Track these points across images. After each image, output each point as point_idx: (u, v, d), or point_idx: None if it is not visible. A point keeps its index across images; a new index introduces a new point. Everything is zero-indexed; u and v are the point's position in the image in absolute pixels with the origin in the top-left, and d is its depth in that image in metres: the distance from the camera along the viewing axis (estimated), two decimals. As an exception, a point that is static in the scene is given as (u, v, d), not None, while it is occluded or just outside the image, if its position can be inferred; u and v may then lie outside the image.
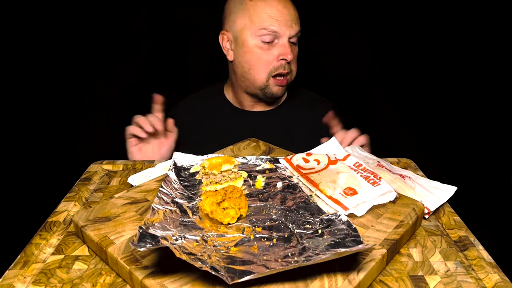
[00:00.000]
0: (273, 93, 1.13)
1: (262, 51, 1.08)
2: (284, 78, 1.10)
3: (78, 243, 0.66)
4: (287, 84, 1.13)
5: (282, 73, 1.09)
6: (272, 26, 1.05)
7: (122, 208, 0.69)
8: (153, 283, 0.52)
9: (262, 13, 1.06)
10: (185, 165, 0.80)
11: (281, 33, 1.05)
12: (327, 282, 0.52)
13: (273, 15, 1.05)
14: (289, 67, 1.09)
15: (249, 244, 0.58)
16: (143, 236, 0.54)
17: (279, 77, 1.10)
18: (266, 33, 1.06)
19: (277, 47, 1.07)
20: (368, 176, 0.74)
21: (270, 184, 0.76)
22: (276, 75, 1.10)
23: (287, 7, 1.06)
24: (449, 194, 0.78)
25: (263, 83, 1.11)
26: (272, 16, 1.05)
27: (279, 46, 1.07)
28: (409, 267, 0.61)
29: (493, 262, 0.62)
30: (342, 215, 0.62)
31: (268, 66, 1.09)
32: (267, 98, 1.16)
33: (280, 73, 1.09)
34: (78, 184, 0.87)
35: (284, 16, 1.05)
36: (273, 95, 1.13)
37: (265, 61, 1.08)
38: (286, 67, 1.08)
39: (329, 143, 0.94)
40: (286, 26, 1.05)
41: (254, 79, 1.12)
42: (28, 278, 0.58)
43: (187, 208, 0.66)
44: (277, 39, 1.06)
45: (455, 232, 0.70)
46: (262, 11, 1.06)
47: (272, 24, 1.05)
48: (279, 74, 1.09)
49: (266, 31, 1.05)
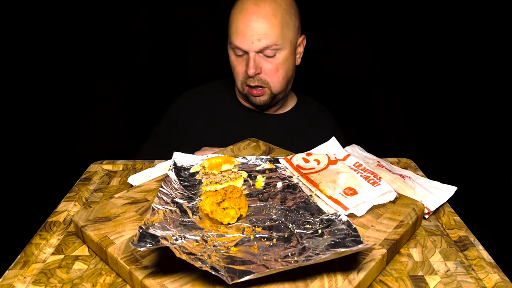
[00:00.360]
0: (253, 102, 1.15)
1: (236, 62, 1.11)
2: (256, 89, 1.11)
3: (78, 243, 0.66)
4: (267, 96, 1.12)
5: (250, 85, 1.10)
6: (236, 41, 1.06)
7: (122, 208, 0.69)
8: (153, 283, 0.52)
9: (233, 27, 1.07)
10: (185, 165, 0.80)
11: (244, 48, 1.06)
12: (327, 282, 0.52)
13: (239, 29, 1.05)
14: (260, 79, 1.09)
15: (249, 244, 0.58)
16: (143, 236, 0.54)
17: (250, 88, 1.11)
18: (234, 47, 1.08)
19: (246, 61, 1.08)
20: (368, 176, 0.74)
21: (270, 184, 0.76)
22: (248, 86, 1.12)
23: (255, 19, 1.04)
24: (449, 194, 0.78)
25: (242, 92, 1.15)
26: (239, 31, 1.05)
27: (246, 60, 1.08)
28: (409, 267, 0.61)
29: (493, 262, 0.62)
30: (342, 215, 0.62)
31: (240, 77, 1.12)
32: (254, 105, 1.17)
33: (249, 85, 1.10)
34: (78, 184, 0.87)
35: (250, 31, 1.04)
36: (253, 103, 1.15)
37: (237, 73, 1.12)
38: (254, 80, 1.09)
39: (329, 143, 0.94)
40: (246, 41, 1.05)
41: (236, 85, 1.16)
42: (28, 278, 0.58)
43: (187, 208, 0.66)
44: (246, 53, 1.08)
45: (455, 232, 0.70)
46: (233, 25, 1.07)
47: (236, 39, 1.06)
48: (249, 85, 1.11)
49: (233, 45, 1.08)
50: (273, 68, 1.09)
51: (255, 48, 1.05)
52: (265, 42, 1.05)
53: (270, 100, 1.14)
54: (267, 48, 1.06)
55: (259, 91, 1.11)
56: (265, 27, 1.04)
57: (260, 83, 1.10)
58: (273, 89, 1.12)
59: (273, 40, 1.06)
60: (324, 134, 1.19)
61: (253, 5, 1.05)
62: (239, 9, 1.07)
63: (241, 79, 1.12)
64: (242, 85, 1.13)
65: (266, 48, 1.06)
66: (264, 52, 1.07)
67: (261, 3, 1.05)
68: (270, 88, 1.11)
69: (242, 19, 1.05)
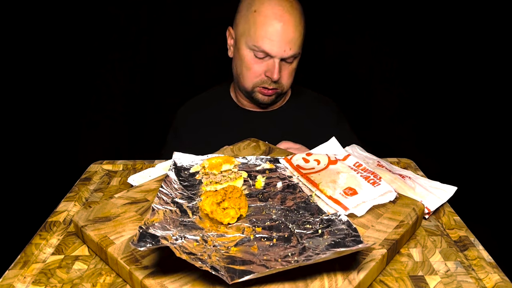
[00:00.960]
0: (259, 100, 1.15)
1: (253, 63, 1.09)
2: (270, 90, 1.11)
3: (78, 243, 0.66)
4: (275, 94, 1.14)
5: (267, 88, 1.11)
6: (265, 46, 1.04)
7: (122, 208, 0.69)
8: (153, 283, 0.52)
9: (260, 29, 1.03)
10: (185, 165, 0.80)
11: (272, 54, 1.05)
12: (327, 282, 0.52)
13: (269, 34, 1.03)
14: (277, 83, 1.10)
15: (249, 244, 0.58)
16: (143, 236, 0.53)
17: (264, 89, 1.11)
18: (258, 50, 1.06)
19: (267, 64, 1.07)
20: (368, 176, 0.74)
21: (270, 184, 0.75)
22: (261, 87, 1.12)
23: (287, 28, 1.02)
24: (449, 194, 0.78)
25: (250, 90, 1.14)
26: (268, 35, 1.03)
27: (269, 64, 1.07)
28: (409, 267, 0.61)
29: (493, 262, 0.62)
30: (342, 215, 0.62)
31: (254, 78, 1.11)
32: (255, 103, 1.18)
33: (265, 87, 1.11)
34: (78, 184, 0.87)
35: (280, 37, 1.02)
36: (259, 102, 1.15)
37: (253, 73, 1.10)
38: (271, 84, 1.10)
39: (329, 143, 0.94)
40: (279, 49, 1.03)
41: (242, 83, 1.15)
42: (28, 278, 0.58)
43: (187, 208, 0.66)
44: (268, 57, 1.07)
45: (455, 232, 0.70)
46: (260, 27, 1.03)
47: (265, 44, 1.03)
48: (264, 87, 1.11)
49: (258, 49, 1.05)
50: (289, 74, 1.11)
51: (284, 56, 1.05)
52: (293, 51, 1.05)
53: (275, 99, 1.15)
54: (292, 56, 1.07)
55: (272, 91, 1.11)
56: (295, 36, 1.04)
57: (276, 86, 1.11)
58: (284, 90, 1.14)
59: (298, 50, 1.07)
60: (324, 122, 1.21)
61: (285, 12, 1.03)
62: (269, 12, 1.03)
63: (256, 80, 1.11)
64: (254, 86, 1.12)
65: (291, 57, 1.06)
66: (287, 60, 1.07)
67: (291, 10, 1.04)
68: (283, 89, 1.13)
69: (275, 25, 1.02)
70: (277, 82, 1.10)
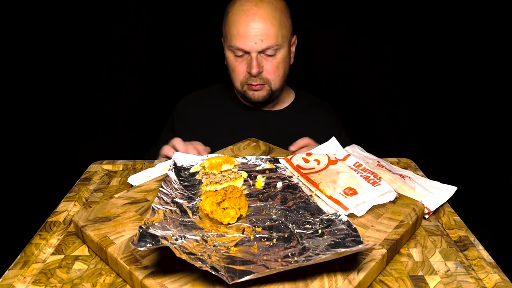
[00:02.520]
0: (250, 98, 1.16)
1: (236, 63, 1.13)
2: (254, 85, 1.13)
3: (78, 243, 0.66)
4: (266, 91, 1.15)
5: (252, 84, 1.12)
6: (238, 43, 1.08)
7: (122, 208, 0.69)
8: (153, 283, 0.52)
9: (232, 28, 1.08)
10: (185, 165, 0.80)
11: (246, 49, 1.08)
12: (327, 282, 0.52)
13: (240, 31, 1.07)
14: (261, 78, 1.12)
15: (249, 244, 0.58)
16: (143, 236, 0.54)
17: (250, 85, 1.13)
18: (234, 48, 1.10)
19: (247, 61, 1.11)
20: (368, 176, 0.74)
21: (270, 184, 0.76)
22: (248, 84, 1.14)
23: (256, 21, 1.06)
24: (449, 194, 0.78)
25: (241, 90, 1.17)
26: (239, 32, 1.07)
27: (248, 60, 1.10)
28: (409, 267, 0.61)
29: (493, 262, 0.62)
30: (342, 215, 0.62)
31: (239, 77, 1.14)
32: (249, 102, 1.20)
33: (250, 83, 1.13)
34: (78, 184, 0.87)
35: (249, 31, 1.06)
36: (251, 99, 1.17)
37: (237, 73, 1.14)
38: (256, 79, 1.12)
39: (329, 143, 0.94)
40: (250, 42, 1.07)
41: (234, 86, 1.19)
42: (28, 278, 0.58)
43: (187, 208, 0.66)
44: (246, 54, 1.10)
45: (455, 232, 0.70)
46: (232, 26, 1.08)
47: (237, 41, 1.08)
48: (250, 84, 1.13)
49: (234, 47, 1.10)
50: (274, 67, 1.12)
51: (257, 49, 1.08)
52: (267, 43, 1.08)
53: (268, 96, 1.16)
54: (269, 48, 1.09)
55: (259, 87, 1.13)
56: (266, 27, 1.07)
57: (261, 81, 1.13)
58: (273, 86, 1.15)
59: (273, 41, 1.08)
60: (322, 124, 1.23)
61: (253, 7, 1.07)
62: (238, 11, 1.08)
63: (242, 79, 1.14)
64: (241, 85, 1.15)
65: (267, 48, 1.09)
66: (266, 52, 1.10)
67: (260, 4, 1.07)
68: (270, 85, 1.14)
69: (243, 20, 1.07)
70: (261, 77, 1.12)
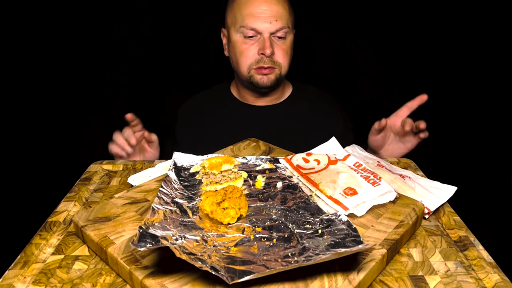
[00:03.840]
0: (258, 82, 1.15)
1: (245, 45, 1.13)
2: (266, 68, 1.13)
3: (78, 243, 0.66)
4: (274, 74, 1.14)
5: (263, 67, 1.12)
6: (251, 24, 1.09)
7: (122, 208, 0.69)
8: (153, 283, 0.52)
9: (243, 10, 1.10)
10: (185, 165, 0.80)
11: (260, 29, 1.09)
12: (327, 282, 0.52)
13: (254, 12, 1.09)
14: (272, 61, 1.12)
15: (249, 244, 0.58)
16: (143, 236, 0.54)
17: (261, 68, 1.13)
18: (246, 28, 1.10)
19: (258, 43, 1.11)
20: (368, 176, 0.74)
21: (270, 184, 0.76)
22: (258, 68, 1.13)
23: (269, 2, 1.08)
24: (449, 194, 0.78)
25: (247, 75, 1.15)
26: (252, 12, 1.08)
27: (260, 41, 1.11)
28: (409, 267, 0.61)
29: (493, 262, 0.62)
30: (342, 215, 0.62)
31: (249, 60, 1.13)
32: (256, 88, 1.18)
33: (261, 66, 1.13)
34: (78, 184, 0.87)
35: (264, 11, 1.08)
36: (259, 84, 1.15)
37: (246, 55, 1.13)
38: (267, 61, 1.12)
39: (329, 143, 0.94)
40: (265, 22, 1.08)
41: (240, 71, 1.17)
42: (28, 278, 0.58)
43: (187, 208, 0.66)
44: (259, 35, 1.11)
45: (455, 232, 0.70)
46: (243, 9, 1.10)
47: (251, 21, 1.09)
48: (260, 66, 1.13)
49: (246, 28, 1.10)
50: (284, 50, 1.13)
51: (271, 29, 1.09)
52: (281, 23, 1.09)
53: (276, 81, 1.16)
54: (282, 29, 1.10)
55: (270, 70, 1.13)
56: (280, 9, 1.09)
57: (272, 64, 1.12)
58: (282, 70, 1.15)
59: (285, 22, 1.10)
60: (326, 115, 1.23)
61: None
62: None
63: (251, 62, 1.13)
64: (249, 69, 1.14)
65: (280, 30, 1.10)
66: (277, 34, 1.11)
67: None
68: (281, 69, 1.15)
69: (256, 1, 1.09)
70: (272, 59, 1.12)
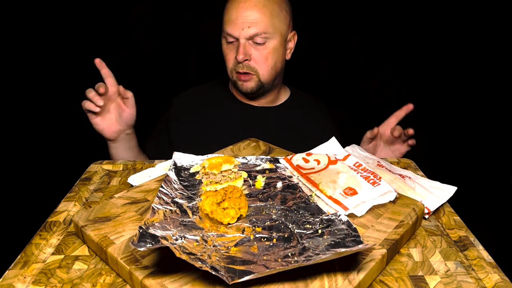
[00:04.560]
0: (240, 88, 1.17)
1: (227, 50, 1.15)
2: (243, 75, 1.14)
3: (78, 243, 0.66)
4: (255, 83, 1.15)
5: (239, 72, 1.14)
6: (227, 29, 1.11)
7: (122, 208, 0.69)
8: (153, 283, 0.52)
9: (225, 16, 1.12)
10: (185, 165, 0.80)
11: (235, 35, 1.11)
12: (327, 282, 0.52)
13: (231, 17, 1.10)
14: (249, 67, 1.13)
15: (249, 244, 0.58)
16: (143, 236, 0.54)
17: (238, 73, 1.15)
18: (225, 33, 1.13)
19: (236, 47, 1.12)
20: (368, 176, 0.74)
21: (270, 184, 0.75)
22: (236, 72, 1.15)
23: (246, 7, 1.08)
24: (449, 194, 0.78)
25: (231, 79, 1.18)
26: (231, 19, 1.10)
27: (237, 47, 1.12)
28: (409, 267, 0.61)
29: (493, 262, 0.62)
30: (342, 215, 0.62)
31: (229, 64, 1.16)
32: (241, 92, 1.20)
33: (238, 71, 1.14)
34: (78, 184, 0.87)
35: (239, 17, 1.09)
36: (241, 90, 1.18)
37: (228, 59, 1.16)
38: (242, 67, 1.13)
39: (329, 143, 0.94)
40: (239, 29, 1.09)
41: (227, 74, 1.19)
42: (28, 278, 0.58)
43: (187, 208, 0.66)
44: (237, 41, 1.12)
45: (455, 232, 0.70)
46: (225, 14, 1.12)
47: (228, 27, 1.11)
48: (237, 71, 1.15)
49: (225, 33, 1.12)
50: (262, 56, 1.13)
51: (245, 35, 1.10)
52: (255, 30, 1.09)
53: (257, 88, 1.17)
54: (257, 35, 1.10)
55: (247, 77, 1.14)
56: (255, 15, 1.09)
57: (248, 70, 1.13)
58: (261, 77, 1.15)
59: (262, 28, 1.10)
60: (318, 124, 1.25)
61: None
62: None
63: (231, 66, 1.16)
64: (231, 72, 1.17)
65: (256, 35, 1.10)
66: (254, 40, 1.11)
67: None
68: (258, 76, 1.15)
69: (234, 7, 1.10)
70: (248, 65, 1.12)
